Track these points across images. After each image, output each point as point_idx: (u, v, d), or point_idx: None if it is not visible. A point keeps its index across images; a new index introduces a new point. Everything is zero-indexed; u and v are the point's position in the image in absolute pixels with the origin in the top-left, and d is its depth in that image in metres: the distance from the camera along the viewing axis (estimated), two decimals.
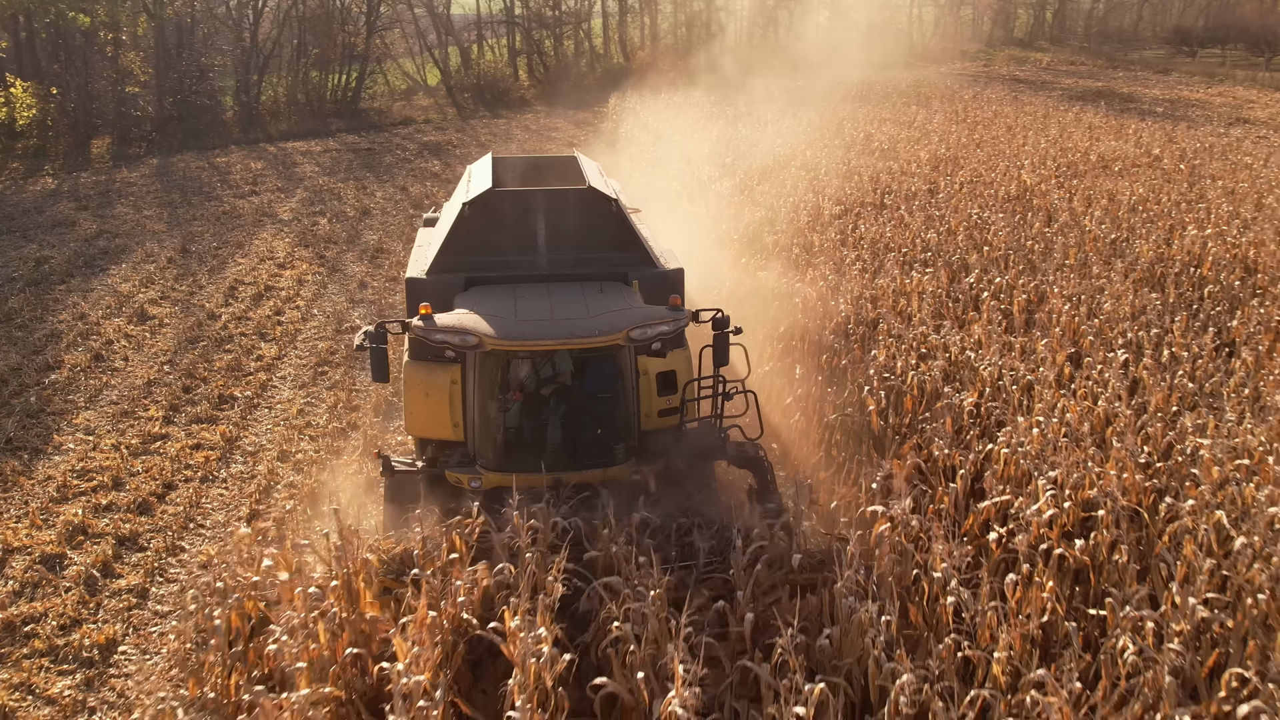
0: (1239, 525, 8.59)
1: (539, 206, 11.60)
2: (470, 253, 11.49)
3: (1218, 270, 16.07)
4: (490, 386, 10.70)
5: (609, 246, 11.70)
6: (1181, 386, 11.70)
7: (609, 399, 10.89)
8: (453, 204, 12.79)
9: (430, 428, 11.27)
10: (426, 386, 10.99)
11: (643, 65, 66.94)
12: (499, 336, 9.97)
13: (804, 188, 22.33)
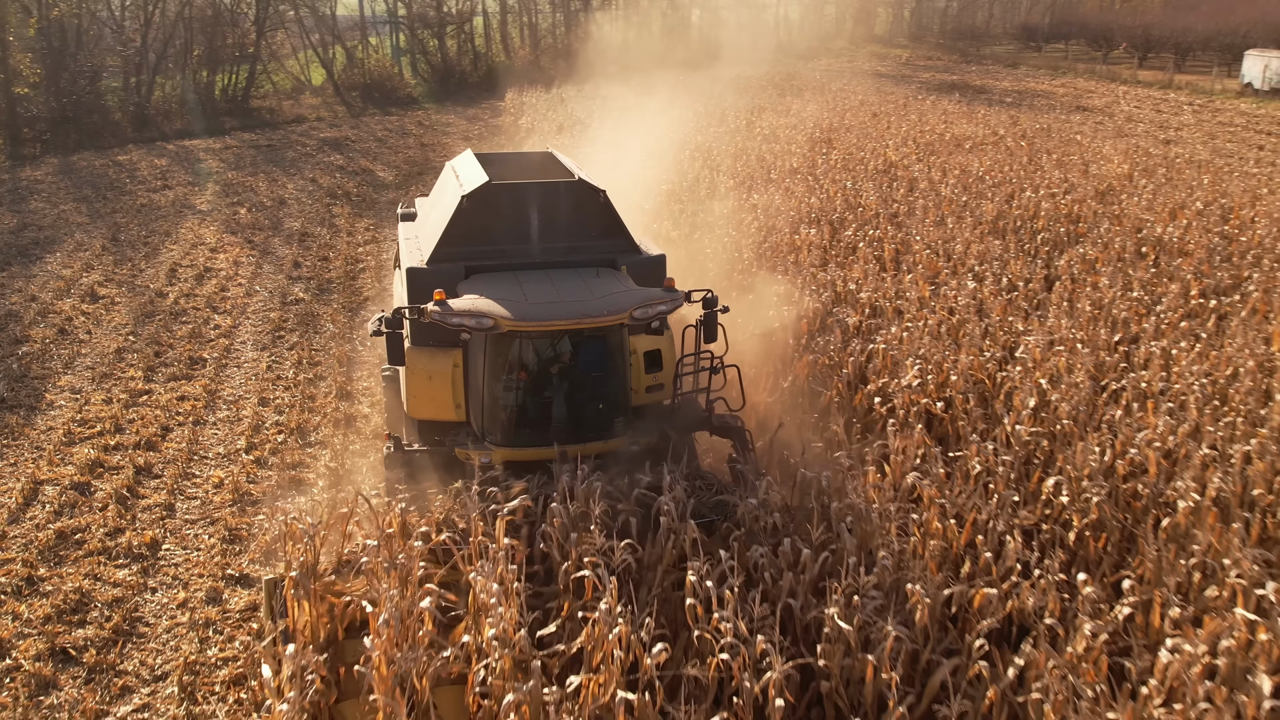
0: (1055, 384, 11.67)
1: (533, 198, 12.06)
2: (468, 243, 11.91)
3: (1048, 222, 19.43)
4: (499, 367, 11.17)
5: (597, 235, 12.27)
6: (1016, 304, 14.86)
7: (606, 376, 11.43)
8: (444, 198, 13.13)
9: (433, 410, 11.70)
10: (429, 370, 11.45)
11: (525, 63, 69.40)
12: (515, 318, 10.49)
13: (700, 165, 25.19)
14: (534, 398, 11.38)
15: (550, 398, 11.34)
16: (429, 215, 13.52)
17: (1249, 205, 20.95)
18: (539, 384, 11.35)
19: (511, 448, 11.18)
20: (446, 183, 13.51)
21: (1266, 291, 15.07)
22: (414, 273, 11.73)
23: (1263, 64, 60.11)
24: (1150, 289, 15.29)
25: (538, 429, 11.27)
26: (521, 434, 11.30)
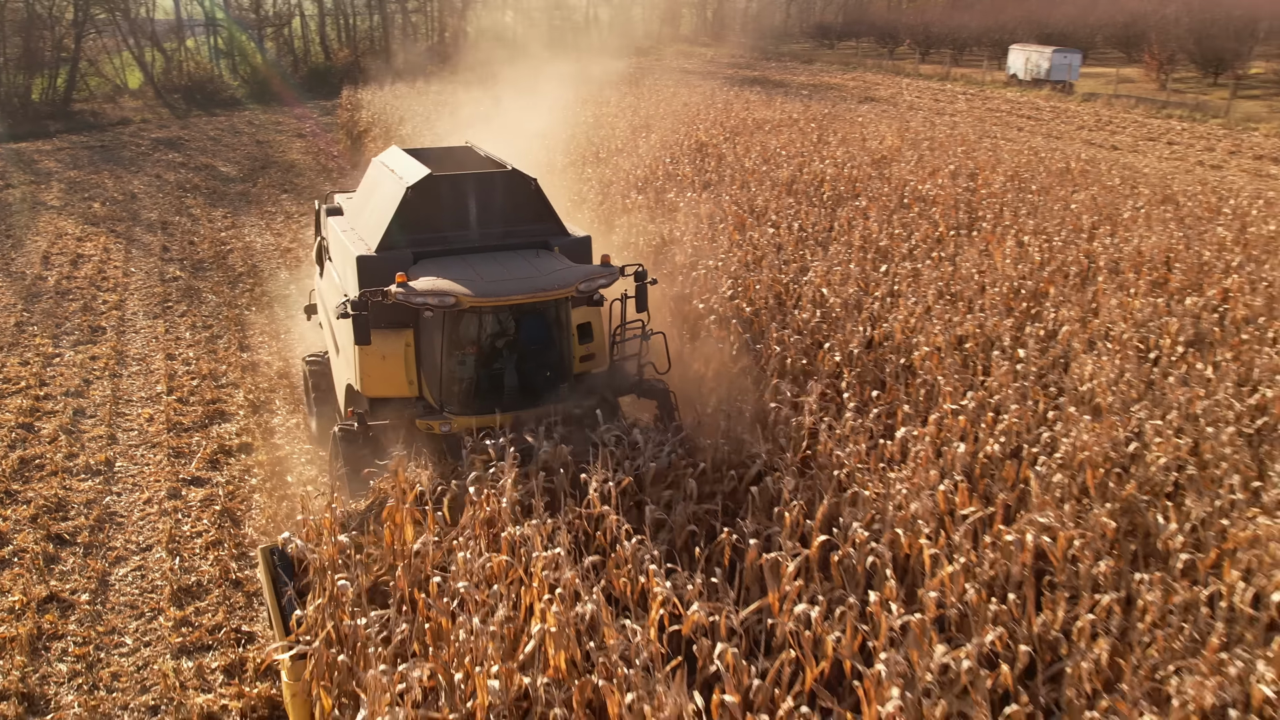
0: (833, 290, 15.52)
1: (471, 188, 12.80)
2: (413, 231, 12.54)
3: (832, 184, 23.55)
4: (456, 343, 11.89)
5: (529, 220, 13.12)
6: (806, 242, 18.75)
7: (552, 346, 12.26)
8: (381, 191, 13.67)
9: (387, 387, 12.32)
10: (383, 351, 12.04)
11: (346, 64, 71.10)
12: (476, 295, 11.25)
13: (536, 149, 28.51)
14: (488, 369, 12.14)
15: (502, 368, 12.14)
16: (364, 208, 14.03)
17: (992, 168, 25.63)
18: (492, 356, 12.13)
19: (470, 415, 11.87)
20: (379, 177, 14.12)
21: (994, 226, 19.42)
22: (364, 260, 12.27)
23: (1024, 57, 67.26)
24: (908, 228, 19.42)
25: (492, 397, 12.02)
26: (478, 402, 12.03)
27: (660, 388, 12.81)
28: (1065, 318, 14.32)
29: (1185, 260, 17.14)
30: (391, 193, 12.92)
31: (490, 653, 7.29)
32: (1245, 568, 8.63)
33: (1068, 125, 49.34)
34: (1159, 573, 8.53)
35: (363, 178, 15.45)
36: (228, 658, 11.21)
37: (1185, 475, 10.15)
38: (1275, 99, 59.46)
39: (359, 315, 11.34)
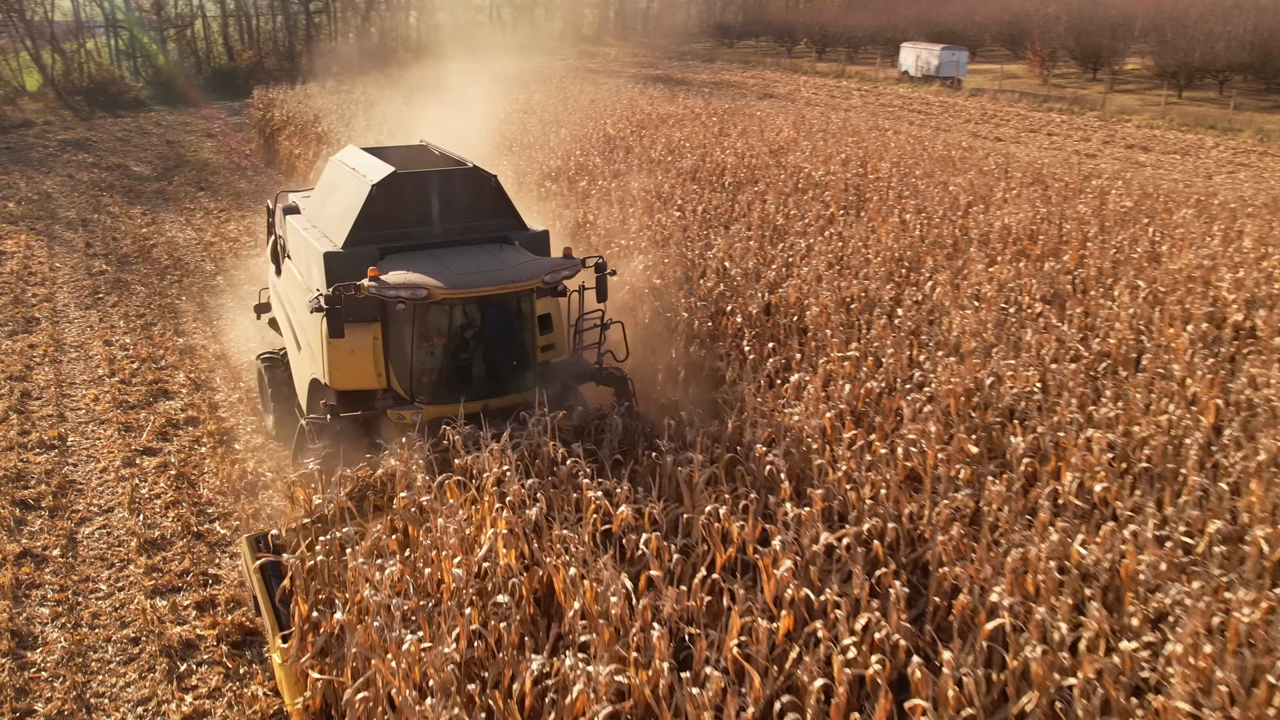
0: (734, 261, 17.16)
1: (434, 184, 13.10)
2: (378, 227, 12.77)
3: (733, 173, 25.27)
4: (426, 334, 12.22)
5: (489, 215, 13.45)
6: (709, 223, 20.39)
7: (519, 336, 12.66)
8: (343, 189, 13.81)
9: (356, 380, 12.55)
10: (351, 345, 12.23)
11: (249, 65, 71.20)
12: (448, 287, 11.59)
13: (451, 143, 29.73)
14: (457, 359, 12.49)
15: (470, 358, 12.49)
16: (325, 206, 14.17)
17: (880, 156, 27.60)
18: (461, 346, 12.48)
19: (440, 405, 12.21)
20: (339, 176, 14.30)
21: (879, 206, 21.30)
22: (331, 256, 12.52)
23: (915, 54, 70.12)
24: (802, 209, 21.19)
25: (461, 387, 12.37)
26: (448, 392, 12.35)
27: (618, 374, 13.42)
28: (938, 281, 16.15)
29: (1047, 232, 19.16)
30: (355, 190, 13.15)
31: (453, 545, 8.71)
32: (1078, 470, 10.43)
33: (955, 119, 52.01)
34: (1006, 475, 10.29)
35: (320, 177, 15.65)
36: (199, 595, 12.40)
37: (1033, 402, 11.96)
38: (1147, 93, 63.10)
39: (332, 309, 11.58)
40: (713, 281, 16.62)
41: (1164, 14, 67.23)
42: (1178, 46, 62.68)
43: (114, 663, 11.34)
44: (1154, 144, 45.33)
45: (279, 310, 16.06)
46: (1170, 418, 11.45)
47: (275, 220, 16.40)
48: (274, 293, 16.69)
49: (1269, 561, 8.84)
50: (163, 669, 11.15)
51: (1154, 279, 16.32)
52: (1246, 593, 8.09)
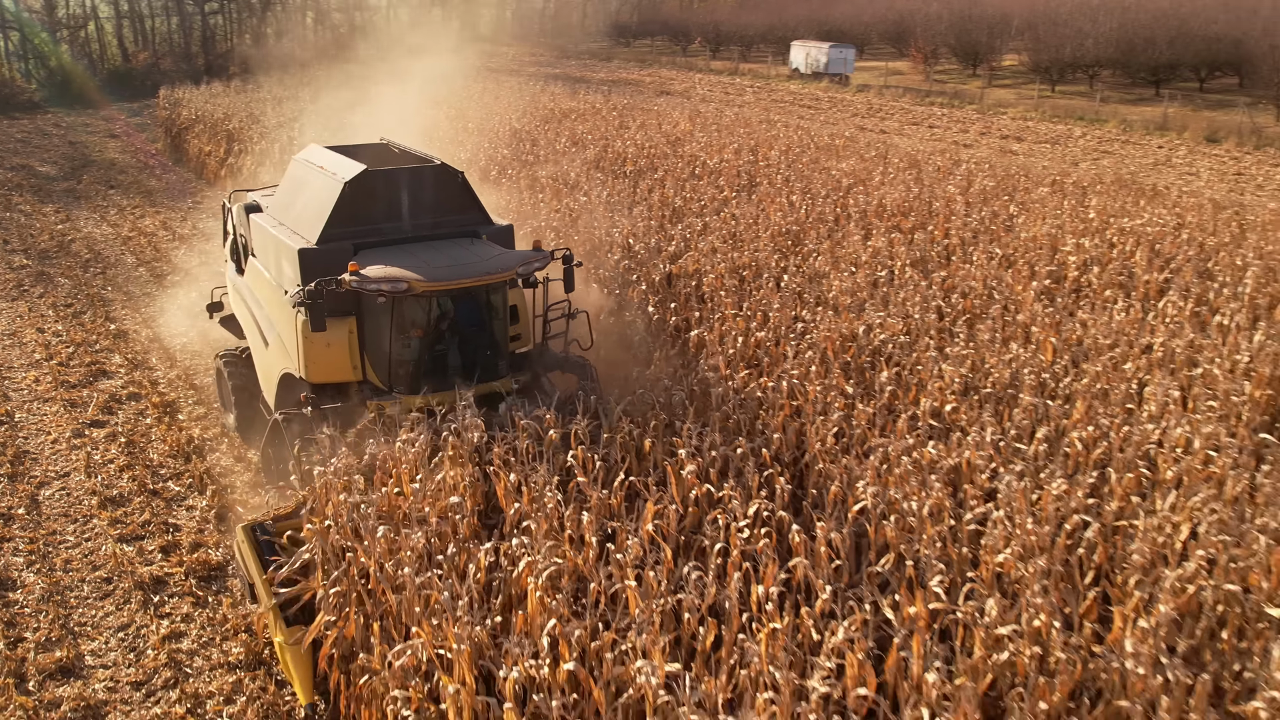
0: (636, 238, 18.87)
1: (403, 181, 13.31)
2: (350, 224, 12.97)
3: (634, 161, 27.02)
4: (404, 326, 12.53)
5: (457, 210, 13.75)
6: (612, 205, 22.11)
7: (493, 326, 13.04)
8: (312, 187, 13.91)
9: (333, 373, 12.79)
10: (327, 339, 12.45)
11: (145, 66, 70.93)
12: (428, 280, 11.86)
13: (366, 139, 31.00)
14: (435, 350, 12.81)
15: (446, 349, 12.84)
16: (293, 205, 14.24)
17: (770, 145, 29.63)
18: (439, 338, 12.84)
19: (417, 394, 12.53)
20: (305, 175, 14.41)
21: (769, 189, 23.24)
22: (306, 253, 12.67)
23: (805, 52, 72.79)
24: (699, 193, 23.02)
25: (439, 377, 12.70)
26: (425, 382, 12.67)
27: (582, 362, 13.92)
28: (820, 251, 18.09)
29: (919, 209, 21.27)
30: (326, 188, 13.32)
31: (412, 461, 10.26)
32: (933, 396, 12.36)
33: (843, 113, 54.56)
34: (874, 402, 12.18)
35: (283, 176, 15.79)
36: (162, 541, 13.67)
37: (898, 345, 13.89)
38: (1022, 87, 66.58)
39: (314, 304, 11.77)
40: (619, 255, 18.30)
41: (1038, 13, 70.91)
42: (1050, 44, 66.33)
43: (91, 599, 12.57)
44: (1027, 134, 48.32)
45: (241, 308, 16.13)
46: (1013, 355, 13.47)
47: (234, 219, 16.50)
48: (234, 291, 16.74)
49: (1084, 457, 10.85)
50: (138, 601, 12.43)
51: (1008, 245, 18.48)
52: (1061, 480, 10.05)
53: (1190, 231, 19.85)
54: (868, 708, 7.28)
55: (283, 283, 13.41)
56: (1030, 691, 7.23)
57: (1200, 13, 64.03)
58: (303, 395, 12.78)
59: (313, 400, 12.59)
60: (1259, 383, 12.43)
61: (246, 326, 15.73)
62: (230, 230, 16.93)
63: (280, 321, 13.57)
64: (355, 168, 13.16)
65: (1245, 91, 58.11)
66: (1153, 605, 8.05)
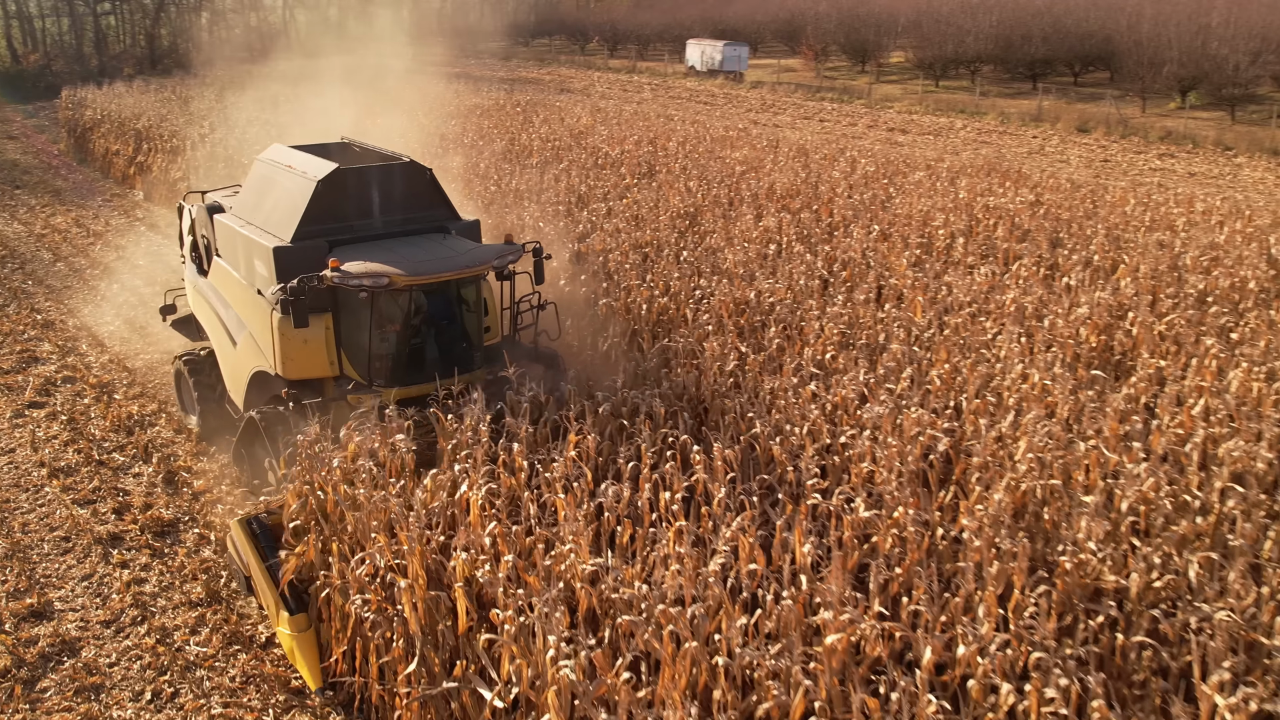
0: (549, 222, 20.31)
1: (374, 178, 13.46)
2: (323, 221, 13.02)
3: (539, 153, 28.44)
4: (384, 321, 12.67)
5: (426, 207, 13.95)
6: (520, 193, 23.51)
7: (469, 319, 13.32)
8: (281, 186, 13.96)
9: (309, 369, 12.88)
10: (304, 335, 12.52)
11: (37, 67, 70.07)
12: (409, 274, 12.06)
13: (275, 137, 31.87)
14: (413, 343, 13.01)
15: (424, 342, 13.06)
16: (262, 204, 14.25)
17: (668, 137, 31.30)
18: (418, 331, 13.01)
19: (400, 388, 12.76)
20: (272, 174, 14.41)
21: (667, 177, 24.87)
22: (281, 251, 12.73)
23: (700, 51, 74.84)
24: (602, 181, 24.55)
25: (418, 369, 12.91)
26: (407, 375, 12.89)
27: (551, 353, 14.38)
28: (716, 229, 19.75)
29: (805, 192, 23.08)
30: (298, 187, 13.41)
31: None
32: (815, 348, 14.05)
33: (738, 108, 56.63)
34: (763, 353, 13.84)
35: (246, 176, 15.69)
36: (115, 503, 14.70)
37: (782, 305, 15.57)
38: (908, 83, 69.54)
39: (297, 300, 11.88)
40: (530, 236, 19.71)
41: (922, 12, 73.99)
42: (934, 41, 69.39)
43: (53, 555, 13.57)
44: (912, 127, 50.90)
45: (204, 309, 16.05)
46: (886, 313, 15.25)
47: (194, 220, 16.49)
48: (195, 293, 16.60)
49: (941, 392, 12.63)
50: (97, 554, 13.48)
51: (885, 221, 20.36)
52: (923, 409, 11.78)
53: (1047, 207, 22.00)
54: (757, 582, 8.84)
55: (254, 282, 13.49)
56: (889, 562, 8.90)
57: (1073, 11, 67.60)
58: (284, 391, 12.94)
59: (294, 395, 12.72)
60: (1093, 329, 14.39)
61: (211, 327, 15.74)
62: (189, 232, 17.01)
63: (252, 320, 13.71)
64: (327, 166, 13.29)
65: (1115, 85, 61.63)
66: (989, 496, 9.78)
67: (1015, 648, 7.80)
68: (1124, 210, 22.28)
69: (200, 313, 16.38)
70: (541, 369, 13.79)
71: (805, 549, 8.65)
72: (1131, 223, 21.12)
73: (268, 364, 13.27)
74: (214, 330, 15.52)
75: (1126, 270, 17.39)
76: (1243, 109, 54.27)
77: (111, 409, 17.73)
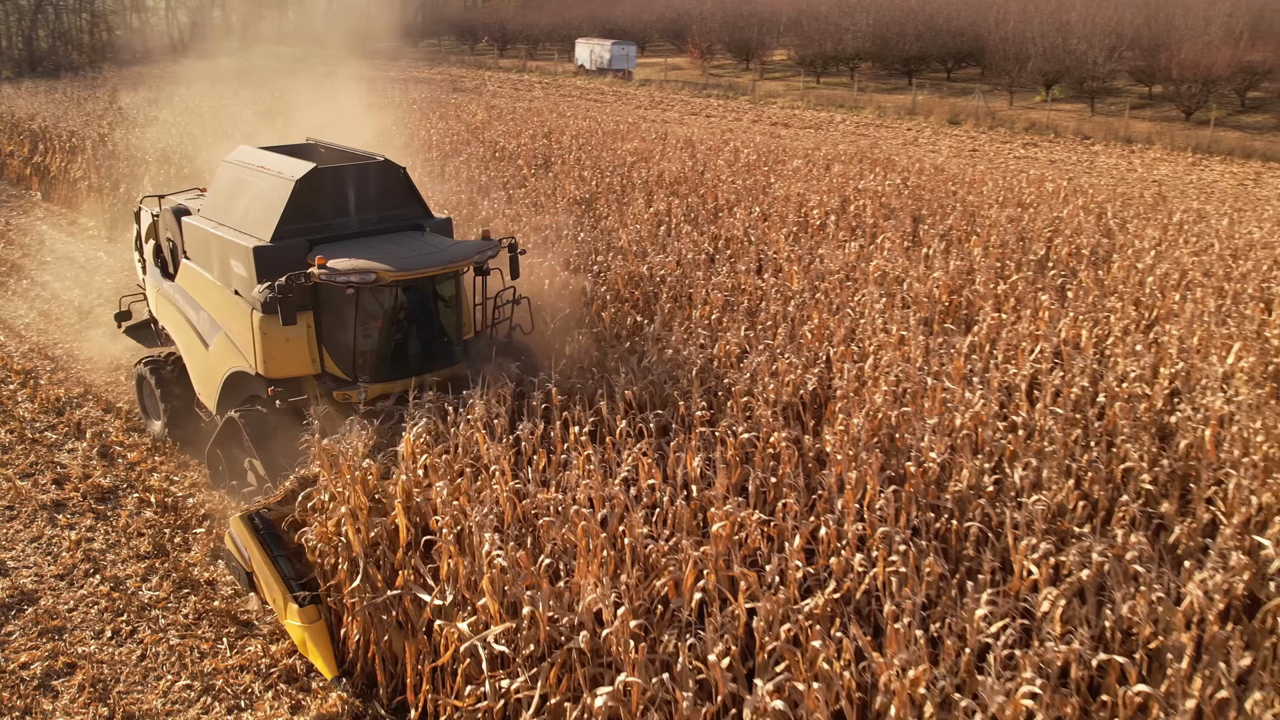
0: (453, 210, 21.62)
1: (350, 177, 13.55)
2: (301, 221, 13.06)
3: (439, 147, 29.69)
4: (368, 317, 12.81)
5: (400, 205, 14.14)
6: (421, 184, 24.74)
7: (450, 313, 13.69)
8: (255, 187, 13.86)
9: (291, 367, 12.94)
10: (285, 334, 12.61)
11: None
12: (397, 270, 12.23)
13: (176, 134, 32.50)
14: (397, 338, 13.25)
15: (408, 337, 13.32)
16: (233, 206, 14.15)
17: (562, 131, 32.80)
18: (402, 326, 13.27)
19: (384, 383, 12.95)
20: (243, 176, 14.27)
21: (563, 168, 26.38)
22: (262, 250, 12.75)
23: (589, 50, 76.46)
24: (502, 172, 25.93)
25: (401, 364, 13.19)
26: (390, 370, 13.11)
27: (524, 347, 14.60)
28: (610, 212, 21.32)
29: (692, 179, 24.80)
30: (274, 187, 13.39)
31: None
32: (702, 311, 15.69)
33: (627, 105, 58.35)
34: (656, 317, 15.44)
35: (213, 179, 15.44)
36: (53, 475, 15.62)
37: (673, 276, 17.20)
38: (791, 79, 72.10)
39: (285, 298, 11.97)
40: None
41: (803, 11, 76.70)
42: (814, 39, 72.09)
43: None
44: (794, 121, 53.21)
45: (170, 313, 15.88)
46: (765, 281, 16.98)
47: (158, 224, 16.45)
48: (159, 297, 16.41)
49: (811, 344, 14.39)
50: (44, 519, 14.43)
51: (765, 203, 22.18)
52: (795, 358, 13.49)
53: (912, 189, 24.08)
54: (655, 496, 10.40)
55: (230, 282, 13.54)
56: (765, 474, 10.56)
57: (944, 10, 70.90)
58: (269, 390, 12.96)
59: (280, 393, 12.81)
60: (945, 290, 16.34)
61: (178, 330, 15.64)
62: (146, 236, 17.00)
63: (229, 320, 13.73)
64: (304, 166, 13.31)
65: (984, 80, 64.99)
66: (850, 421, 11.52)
67: (868, 533, 9.49)
68: (981, 190, 24.48)
69: (166, 317, 16.21)
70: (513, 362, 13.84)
71: (695, 463, 10.24)
72: (987, 201, 23.30)
73: (247, 364, 13.32)
74: (182, 334, 15.45)
75: (979, 241, 19.43)
76: (1101, 101, 57.87)
77: (39, 393, 18.52)
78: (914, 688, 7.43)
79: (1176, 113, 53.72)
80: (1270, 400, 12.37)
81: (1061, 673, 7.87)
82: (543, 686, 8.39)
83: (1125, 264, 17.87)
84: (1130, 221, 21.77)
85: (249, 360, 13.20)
